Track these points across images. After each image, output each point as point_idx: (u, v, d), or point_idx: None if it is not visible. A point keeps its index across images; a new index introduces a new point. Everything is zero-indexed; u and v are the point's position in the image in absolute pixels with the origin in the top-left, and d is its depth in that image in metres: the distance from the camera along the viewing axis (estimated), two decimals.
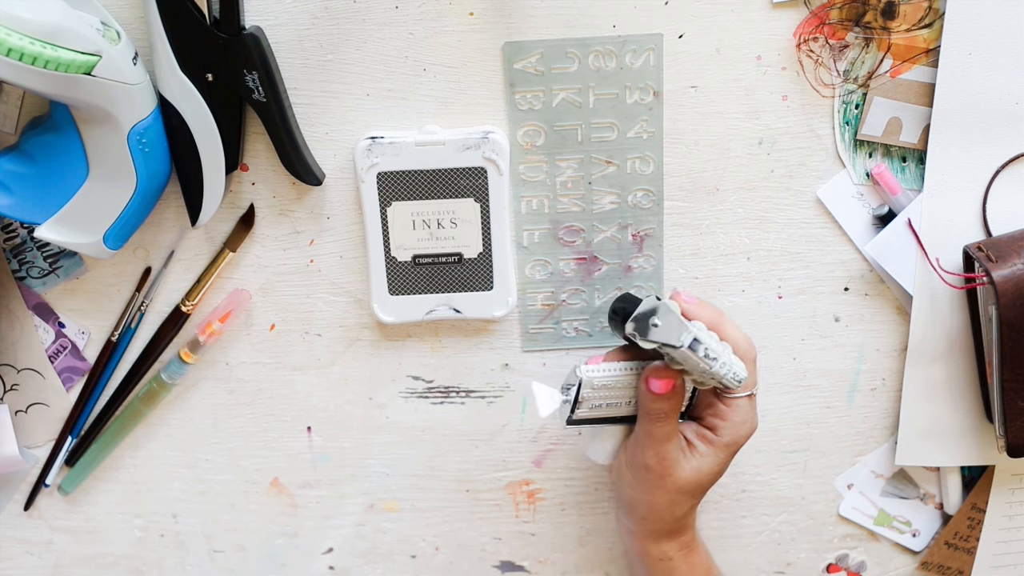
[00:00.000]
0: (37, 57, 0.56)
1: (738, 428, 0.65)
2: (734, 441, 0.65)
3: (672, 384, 0.63)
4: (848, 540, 0.80)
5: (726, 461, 0.66)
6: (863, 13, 0.66)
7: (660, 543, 0.68)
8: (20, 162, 0.64)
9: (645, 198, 0.71)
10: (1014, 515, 0.78)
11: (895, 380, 0.75)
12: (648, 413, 0.64)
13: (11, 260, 0.72)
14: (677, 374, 0.63)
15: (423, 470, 0.78)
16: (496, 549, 0.81)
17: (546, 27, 0.66)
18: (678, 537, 0.68)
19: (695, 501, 0.67)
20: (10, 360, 0.75)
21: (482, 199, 0.69)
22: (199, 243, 0.72)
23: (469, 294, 0.72)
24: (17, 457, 0.75)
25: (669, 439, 0.64)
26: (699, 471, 0.65)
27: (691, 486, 0.65)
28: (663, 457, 0.64)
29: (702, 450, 0.65)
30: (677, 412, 0.64)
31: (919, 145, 0.69)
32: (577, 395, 0.64)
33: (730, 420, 0.65)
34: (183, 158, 0.66)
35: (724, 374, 0.60)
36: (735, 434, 0.65)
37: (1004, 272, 0.66)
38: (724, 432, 0.65)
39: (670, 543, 0.68)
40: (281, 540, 0.81)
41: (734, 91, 0.68)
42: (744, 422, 0.65)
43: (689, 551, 0.69)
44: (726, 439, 0.65)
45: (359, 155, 0.68)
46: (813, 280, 0.73)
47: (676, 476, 0.65)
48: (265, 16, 0.65)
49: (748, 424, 0.66)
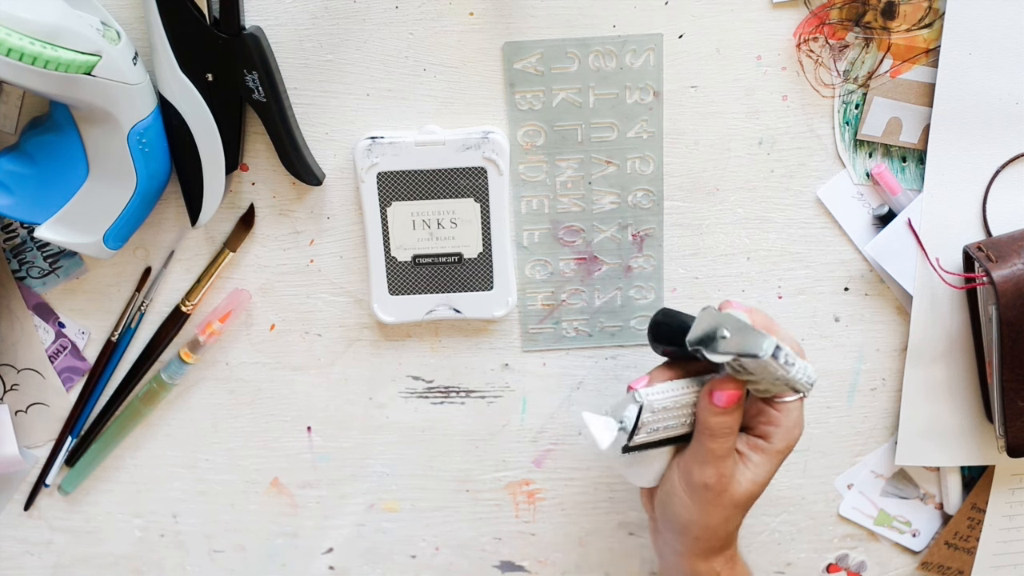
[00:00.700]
0: (37, 57, 0.56)
1: (790, 433, 0.63)
2: (787, 446, 0.64)
3: (738, 395, 0.61)
4: (848, 540, 0.80)
5: (776, 468, 0.64)
6: (863, 13, 0.66)
7: (710, 560, 0.66)
8: (20, 162, 0.64)
9: (645, 198, 0.71)
10: (1014, 515, 0.78)
11: (895, 380, 0.75)
12: (709, 429, 0.62)
13: (11, 260, 0.72)
14: (741, 384, 0.61)
15: (423, 470, 0.78)
16: (496, 549, 0.81)
17: (546, 27, 0.66)
18: (725, 551, 0.67)
19: (745, 513, 0.65)
20: (10, 360, 0.75)
21: (482, 199, 0.69)
22: (199, 243, 0.72)
23: (469, 294, 0.72)
24: (17, 457, 0.75)
25: (729, 454, 0.62)
26: (754, 483, 0.63)
27: (746, 499, 0.64)
28: (722, 474, 0.62)
29: (756, 460, 0.63)
30: (738, 426, 0.62)
31: (919, 145, 0.69)
32: (637, 420, 0.61)
33: (783, 426, 0.63)
34: (183, 158, 0.66)
35: (800, 379, 0.59)
36: (788, 439, 0.63)
37: (1004, 272, 0.66)
38: (777, 439, 0.63)
39: (718, 558, 0.66)
40: (281, 540, 0.81)
41: (734, 91, 0.68)
42: (795, 426, 0.63)
43: (734, 563, 0.68)
44: (779, 445, 0.63)
45: (359, 155, 0.68)
46: (813, 280, 0.73)
47: (733, 491, 0.63)
48: (265, 16, 0.65)
49: (798, 428, 0.64)
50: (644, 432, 0.62)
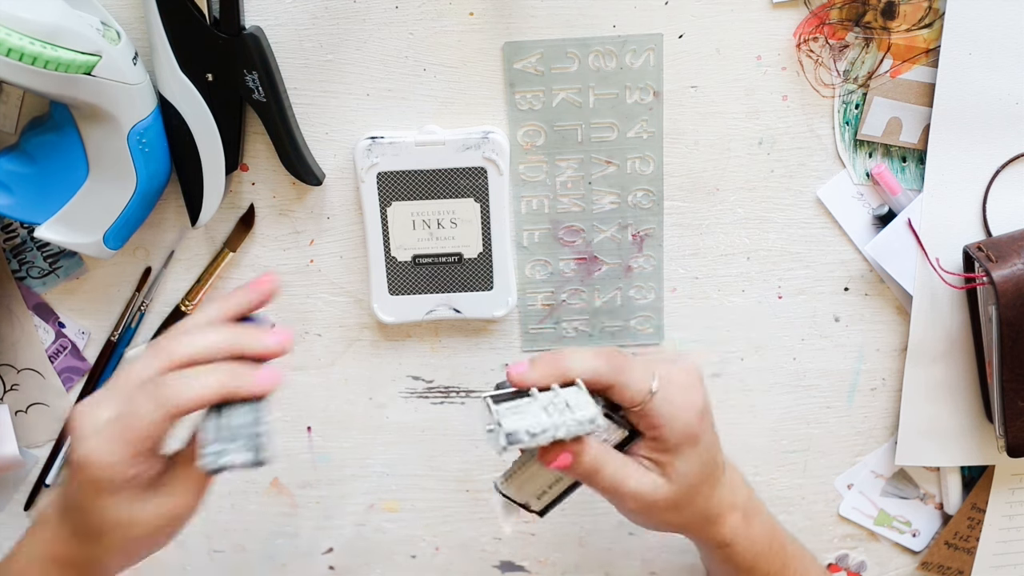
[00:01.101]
0: (37, 57, 0.57)
1: (677, 419, 0.58)
2: (686, 435, 0.59)
3: (566, 454, 0.56)
4: (848, 540, 0.80)
5: (704, 445, 0.60)
6: (863, 13, 0.66)
7: (712, 536, 0.63)
8: (20, 162, 0.64)
9: (645, 198, 0.71)
10: (1014, 515, 0.78)
11: (895, 380, 0.75)
12: (580, 477, 0.59)
13: (11, 260, 0.72)
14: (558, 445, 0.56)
15: (423, 470, 0.78)
16: (496, 549, 0.81)
17: (546, 27, 0.66)
18: (727, 521, 0.63)
19: (708, 493, 0.62)
20: (10, 360, 0.75)
21: (482, 199, 0.69)
22: (199, 243, 0.72)
23: (469, 294, 0.72)
24: (17, 457, 0.75)
25: (624, 482, 0.59)
26: (683, 475, 0.60)
27: (687, 491, 0.60)
28: (635, 496, 0.59)
29: (665, 459, 0.60)
30: (600, 460, 0.58)
31: (919, 145, 0.69)
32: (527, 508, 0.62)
33: (666, 424, 0.58)
34: (183, 158, 0.66)
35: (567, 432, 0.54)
36: (682, 424, 0.59)
37: (1004, 272, 0.66)
38: (670, 434, 0.59)
39: (722, 530, 0.63)
40: (281, 540, 0.81)
41: (734, 91, 0.68)
42: (676, 414, 0.58)
43: (748, 524, 0.64)
44: (676, 439, 0.59)
45: (359, 155, 0.68)
46: (813, 280, 0.73)
47: (659, 497, 0.60)
48: (265, 16, 0.65)
49: (686, 408, 0.59)
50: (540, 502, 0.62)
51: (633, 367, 0.59)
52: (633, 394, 0.58)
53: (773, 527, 0.67)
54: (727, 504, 0.63)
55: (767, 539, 0.65)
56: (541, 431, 0.54)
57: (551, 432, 0.54)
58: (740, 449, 0.77)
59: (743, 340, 0.74)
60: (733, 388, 0.76)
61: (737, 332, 0.74)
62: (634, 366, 0.59)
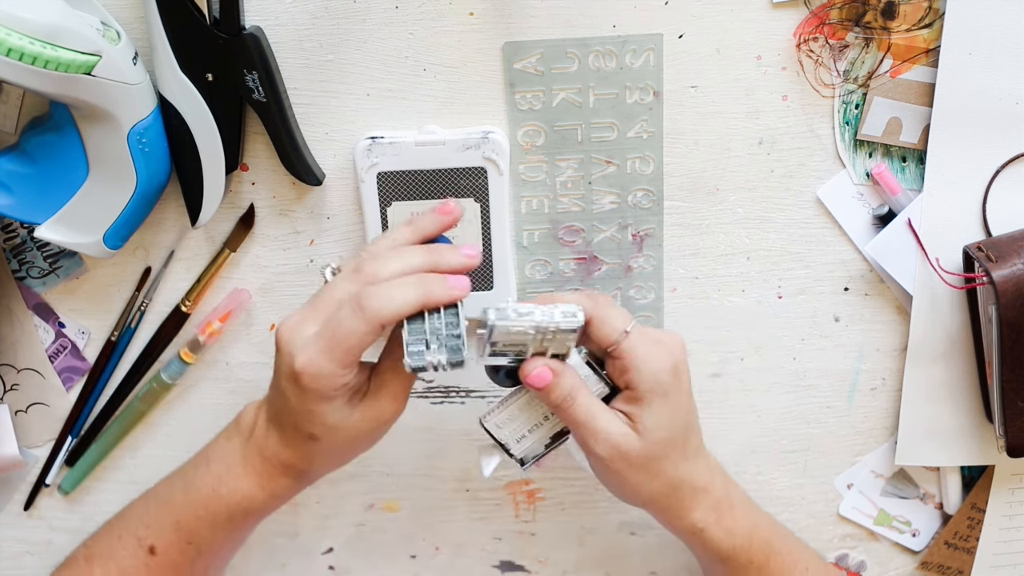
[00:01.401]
0: (37, 57, 0.57)
1: (650, 366, 0.60)
2: (657, 382, 0.60)
3: (545, 368, 0.60)
4: (848, 540, 0.80)
5: (674, 404, 0.61)
6: (863, 13, 0.66)
7: (682, 517, 0.64)
8: (20, 162, 0.64)
9: (645, 198, 0.71)
10: (1014, 515, 0.78)
11: (895, 380, 0.75)
12: (556, 408, 0.61)
13: (11, 260, 0.72)
14: (540, 358, 0.60)
15: (423, 470, 0.78)
16: (496, 549, 0.81)
17: (546, 27, 0.66)
18: (699, 502, 0.64)
19: (677, 459, 0.63)
20: (10, 360, 0.75)
21: (482, 199, 0.69)
22: (199, 243, 0.72)
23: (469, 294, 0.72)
24: (17, 457, 0.75)
25: (596, 417, 0.60)
26: (650, 430, 0.61)
27: (656, 449, 0.61)
28: (605, 439, 0.61)
29: (635, 411, 0.61)
30: (578, 389, 0.61)
31: (919, 145, 0.69)
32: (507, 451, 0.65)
33: (635, 367, 0.60)
34: (183, 158, 0.66)
35: (553, 320, 0.58)
36: (651, 372, 0.60)
37: (1004, 272, 0.66)
38: (639, 381, 0.60)
39: (693, 512, 0.64)
40: (281, 540, 0.81)
41: (734, 91, 0.68)
42: (649, 359, 0.60)
43: (722, 515, 0.65)
44: (646, 386, 0.60)
45: (359, 155, 0.68)
46: (813, 280, 0.73)
47: (631, 448, 0.61)
48: (265, 16, 0.65)
49: (658, 357, 0.61)
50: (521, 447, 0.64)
51: (615, 309, 0.62)
52: (609, 331, 0.61)
53: (756, 523, 0.67)
54: (699, 483, 0.64)
55: (747, 532, 0.66)
56: (528, 312, 0.58)
57: (536, 315, 0.58)
58: (740, 449, 0.77)
59: (743, 340, 0.74)
60: (733, 388, 0.76)
61: (737, 332, 0.74)
62: (616, 309, 0.62)
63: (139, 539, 0.67)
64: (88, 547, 0.70)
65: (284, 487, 0.65)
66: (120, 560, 0.67)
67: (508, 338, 0.59)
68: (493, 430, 0.64)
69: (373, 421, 0.62)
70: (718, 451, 0.77)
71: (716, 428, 0.77)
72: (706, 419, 0.76)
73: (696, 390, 0.75)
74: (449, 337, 0.58)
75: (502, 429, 0.64)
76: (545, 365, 0.60)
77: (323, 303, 0.60)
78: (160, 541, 0.67)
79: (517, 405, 0.64)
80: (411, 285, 0.58)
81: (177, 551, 0.67)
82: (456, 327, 0.58)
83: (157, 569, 0.67)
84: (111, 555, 0.68)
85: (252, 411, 0.66)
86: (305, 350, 0.58)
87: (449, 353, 0.58)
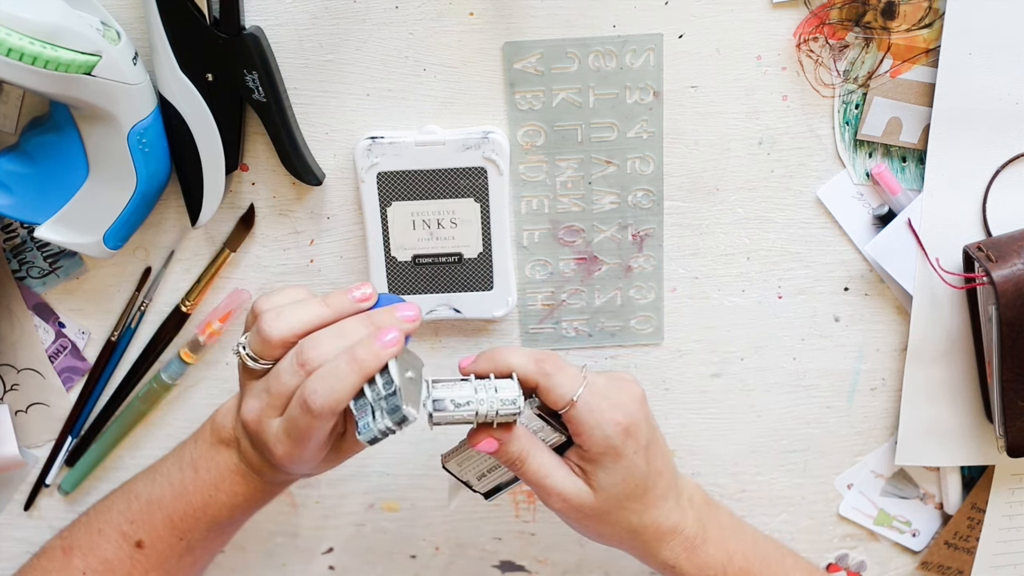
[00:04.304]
0: (37, 57, 0.57)
1: (601, 432, 0.61)
2: (607, 446, 0.61)
3: (491, 439, 0.61)
4: (848, 540, 0.80)
5: (628, 464, 0.62)
6: (863, 13, 0.66)
7: (653, 555, 0.66)
8: (20, 162, 0.64)
9: (645, 198, 0.71)
10: (1014, 515, 0.78)
11: (895, 380, 0.75)
12: (507, 465, 0.63)
13: (11, 260, 0.72)
14: (486, 429, 0.61)
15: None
16: (496, 549, 0.81)
17: (546, 27, 0.66)
18: (667, 542, 0.65)
19: (639, 510, 0.64)
20: (10, 360, 0.75)
21: (482, 199, 0.69)
22: (199, 243, 0.72)
23: (469, 294, 0.72)
24: (17, 457, 0.75)
25: (548, 477, 0.62)
26: (605, 488, 0.62)
27: (612, 503, 0.62)
28: (557, 495, 0.62)
29: (589, 468, 0.62)
30: (527, 451, 0.62)
31: (919, 145, 0.69)
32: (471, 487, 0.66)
33: (586, 432, 0.61)
34: (183, 158, 0.66)
35: (491, 409, 0.59)
36: (601, 438, 0.61)
37: (1004, 272, 0.66)
38: (590, 445, 0.62)
39: (662, 551, 0.65)
40: (281, 540, 0.81)
41: (734, 91, 0.68)
42: (599, 424, 0.61)
43: (694, 551, 0.66)
44: (597, 449, 0.61)
45: (359, 155, 0.68)
46: (813, 280, 0.73)
47: (584, 502, 0.62)
48: (265, 16, 0.65)
49: (609, 422, 0.61)
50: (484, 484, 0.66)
51: (564, 373, 0.62)
52: (556, 398, 0.62)
53: (731, 554, 0.67)
54: (665, 525, 0.65)
55: (721, 565, 0.66)
56: (465, 403, 0.59)
57: (474, 405, 0.59)
58: (740, 449, 0.77)
59: (743, 340, 0.74)
60: (733, 388, 0.76)
61: (737, 332, 0.74)
62: (566, 373, 0.62)
63: (123, 534, 0.68)
64: (65, 538, 0.70)
65: (282, 483, 0.68)
66: (103, 553, 0.68)
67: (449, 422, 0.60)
68: (454, 470, 0.66)
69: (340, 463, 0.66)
70: (718, 451, 0.77)
71: (716, 428, 0.77)
72: (706, 419, 0.77)
73: (696, 390, 0.76)
74: (388, 399, 0.57)
75: (463, 468, 0.66)
76: (489, 436, 0.61)
77: (277, 392, 0.60)
78: (149, 536, 0.67)
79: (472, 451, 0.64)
80: (346, 368, 0.57)
81: (167, 546, 0.67)
82: (390, 386, 0.57)
83: (144, 563, 0.68)
84: (91, 548, 0.68)
85: (230, 421, 0.66)
86: (280, 444, 0.60)
87: (391, 416, 0.57)
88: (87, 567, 0.68)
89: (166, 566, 0.68)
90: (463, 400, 0.59)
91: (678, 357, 0.75)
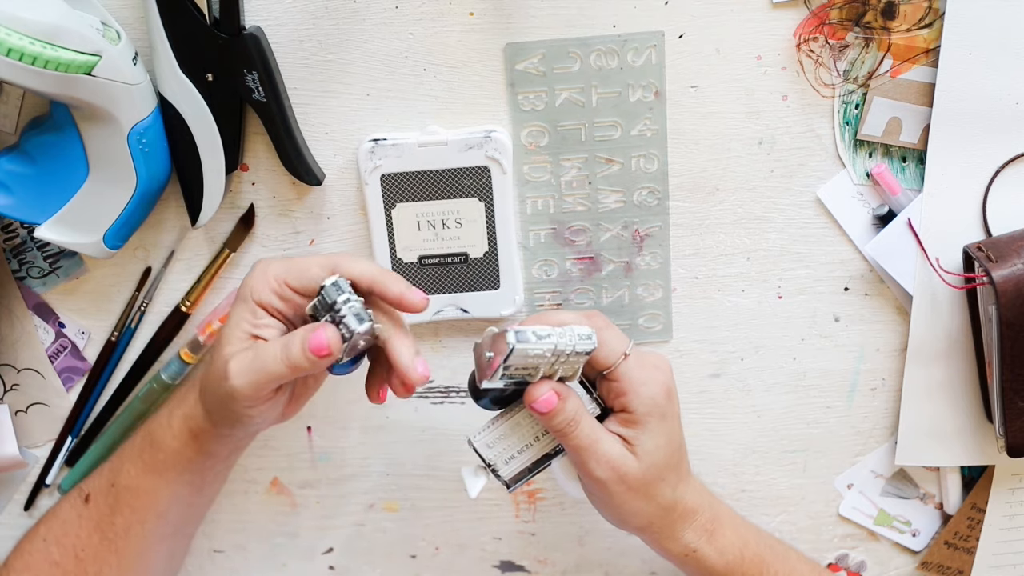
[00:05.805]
0: (37, 57, 0.56)
1: (648, 390, 0.61)
2: (654, 405, 0.61)
3: (553, 395, 0.60)
4: (848, 540, 0.80)
5: (670, 427, 0.62)
6: (863, 13, 0.66)
7: (676, 539, 0.65)
8: (20, 162, 0.64)
9: (650, 196, 0.70)
10: (1014, 515, 0.78)
11: (895, 380, 0.75)
12: (558, 432, 0.61)
13: (11, 260, 0.72)
14: (548, 381, 0.60)
15: (423, 470, 0.78)
16: (496, 549, 0.81)
17: (546, 27, 0.66)
18: (690, 523, 0.65)
19: (674, 482, 0.64)
20: (10, 360, 0.74)
21: (486, 198, 0.69)
22: (199, 243, 0.72)
23: (476, 294, 0.72)
24: (17, 457, 0.75)
25: (598, 441, 0.61)
26: (649, 453, 0.62)
27: (653, 472, 0.62)
28: (607, 462, 0.61)
29: (633, 434, 0.62)
30: (581, 413, 0.61)
31: (919, 145, 0.69)
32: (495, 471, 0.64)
33: (632, 390, 0.61)
34: (183, 158, 0.66)
35: (569, 343, 0.58)
36: (648, 397, 0.61)
37: (1004, 272, 0.66)
38: (636, 404, 0.61)
39: (685, 533, 0.65)
40: (281, 540, 0.80)
41: (734, 91, 0.68)
42: (646, 382, 0.61)
43: (712, 534, 0.66)
44: (644, 408, 0.61)
45: (362, 157, 0.68)
46: (813, 280, 0.73)
47: (633, 472, 0.61)
48: (265, 16, 0.65)
49: (654, 381, 0.62)
50: (508, 469, 0.64)
51: (612, 330, 0.63)
52: (607, 353, 0.61)
53: (746, 539, 0.68)
54: (690, 504, 0.65)
55: (738, 549, 0.67)
56: (546, 335, 0.58)
57: (554, 338, 0.58)
58: (740, 449, 0.77)
59: (743, 340, 0.74)
60: (733, 388, 0.76)
61: (737, 332, 0.74)
62: (613, 330, 0.63)
63: (80, 489, 0.71)
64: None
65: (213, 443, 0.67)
66: (62, 513, 0.71)
67: (523, 361, 0.59)
68: (482, 450, 0.64)
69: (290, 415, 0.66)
70: (718, 451, 0.77)
71: (716, 428, 0.77)
72: (706, 419, 0.77)
73: (696, 390, 0.76)
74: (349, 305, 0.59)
75: (492, 449, 0.64)
76: (552, 389, 0.60)
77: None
78: (93, 488, 0.70)
79: (507, 425, 0.64)
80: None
81: (102, 496, 0.69)
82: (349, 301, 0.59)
83: (88, 520, 0.70)
84: (56, 511, 0.72)
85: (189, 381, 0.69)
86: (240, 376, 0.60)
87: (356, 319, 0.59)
88: (48, 532, 0.71)
89: (103, 525, 0.69)
90: (544, 333, 0.58)
91: (678, 357, 0.75)
